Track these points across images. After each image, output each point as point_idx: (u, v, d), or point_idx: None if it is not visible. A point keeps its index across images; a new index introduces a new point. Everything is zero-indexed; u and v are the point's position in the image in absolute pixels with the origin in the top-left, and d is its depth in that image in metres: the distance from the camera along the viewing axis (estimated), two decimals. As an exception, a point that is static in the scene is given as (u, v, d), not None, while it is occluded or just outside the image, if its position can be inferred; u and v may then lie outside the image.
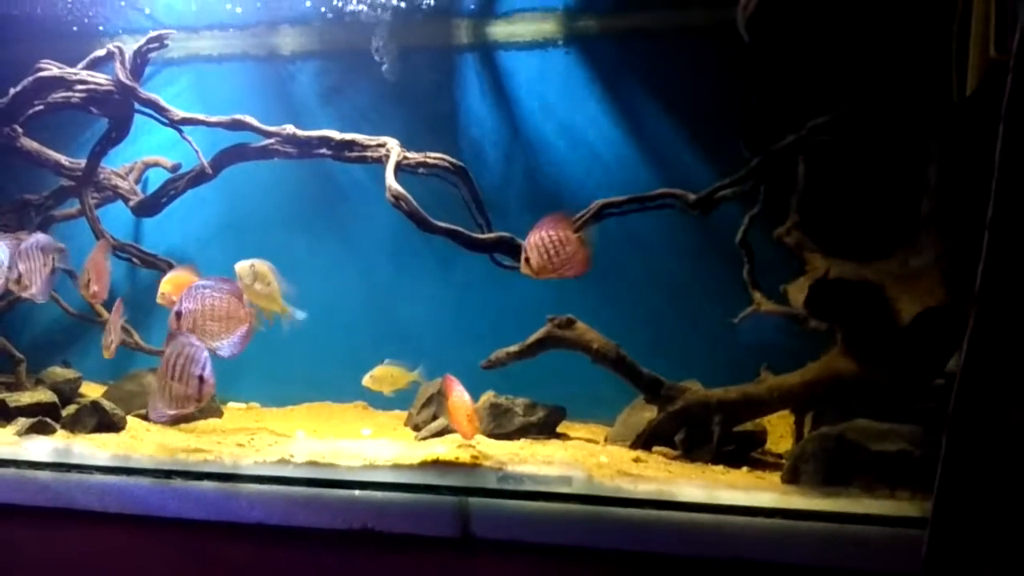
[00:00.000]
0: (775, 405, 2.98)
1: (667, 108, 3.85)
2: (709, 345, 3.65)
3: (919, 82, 2.79)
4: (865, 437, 2.53)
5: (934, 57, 2.78)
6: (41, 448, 3.03)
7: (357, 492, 2.64)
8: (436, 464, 2.78)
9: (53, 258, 3.34)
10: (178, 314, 3.00)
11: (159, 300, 3.36)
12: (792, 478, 2.63)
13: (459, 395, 2.97)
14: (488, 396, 3.40)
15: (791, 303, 2.94)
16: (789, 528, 2.35)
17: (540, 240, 2.90)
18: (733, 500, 2.45)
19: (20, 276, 3.22)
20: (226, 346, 3.05)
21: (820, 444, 2.59)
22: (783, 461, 2.89)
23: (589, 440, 3.32)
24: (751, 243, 3.28)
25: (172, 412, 2.86)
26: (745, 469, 2.87)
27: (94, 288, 3.41)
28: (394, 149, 3.34)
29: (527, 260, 2.93)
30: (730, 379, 3.06)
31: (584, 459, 2.91)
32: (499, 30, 4.03)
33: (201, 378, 2.79)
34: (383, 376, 3.35)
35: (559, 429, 3.43)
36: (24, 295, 3.29)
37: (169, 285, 3.33)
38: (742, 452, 2.98)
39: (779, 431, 3.26)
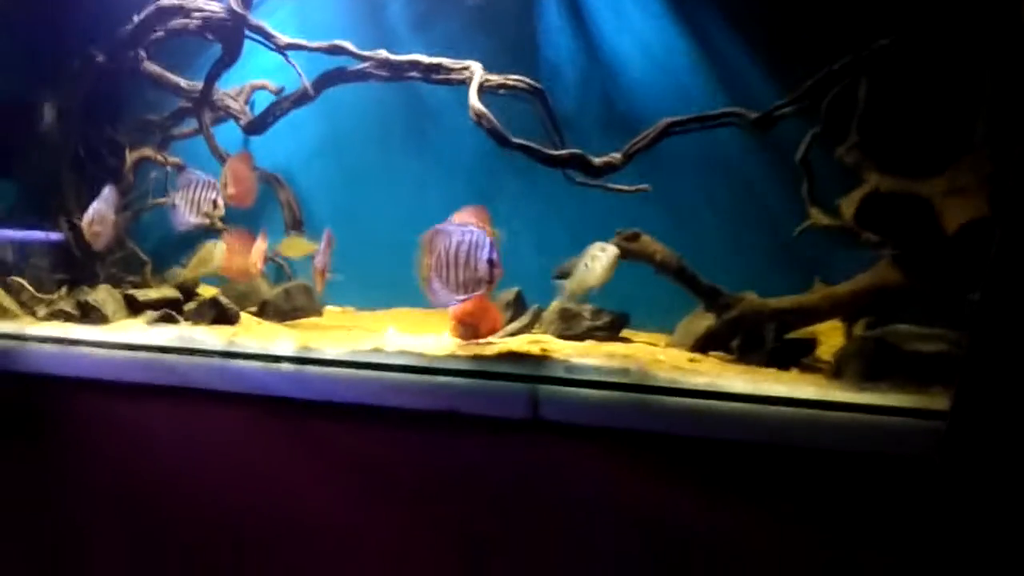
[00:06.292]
0: (826, 314, 3.14)
1: (742, 28, 3.91)
2: (768, 260, 3.80)
3: (981, 3, 2.85)
4: (902, 340, 2.72)
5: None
6: (168, 335, 3.36)
7: (441, 378, 2.90)
8: (510, 356, 3.06)
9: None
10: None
11: (228, 200, 3.74)
12: (835, 377, 2.83)
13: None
14: (558, 302, 3.61)
15: (844, 217, 3.10)
16: (827, 418, 2.56)
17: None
18: (777, 392, 2.65)
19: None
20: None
21: (860, 345, 2.80)
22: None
23: (649, 343, 3.52)
24: (811, 161, 3.41)
25: (461, 296, 2.93)
26: (795, 372, 3.03)
27: (231, 191, 3.70)
28: (477, 71, 3.53)
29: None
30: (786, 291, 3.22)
31: (644, 356, 3.14)
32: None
33: (491, 261, 2.86)
34: (290, 244, 4.06)
35: (623, 335, 3.64)
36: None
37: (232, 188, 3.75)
38: (793, 357, 3.14)
39: (833, 342, 3.43)
